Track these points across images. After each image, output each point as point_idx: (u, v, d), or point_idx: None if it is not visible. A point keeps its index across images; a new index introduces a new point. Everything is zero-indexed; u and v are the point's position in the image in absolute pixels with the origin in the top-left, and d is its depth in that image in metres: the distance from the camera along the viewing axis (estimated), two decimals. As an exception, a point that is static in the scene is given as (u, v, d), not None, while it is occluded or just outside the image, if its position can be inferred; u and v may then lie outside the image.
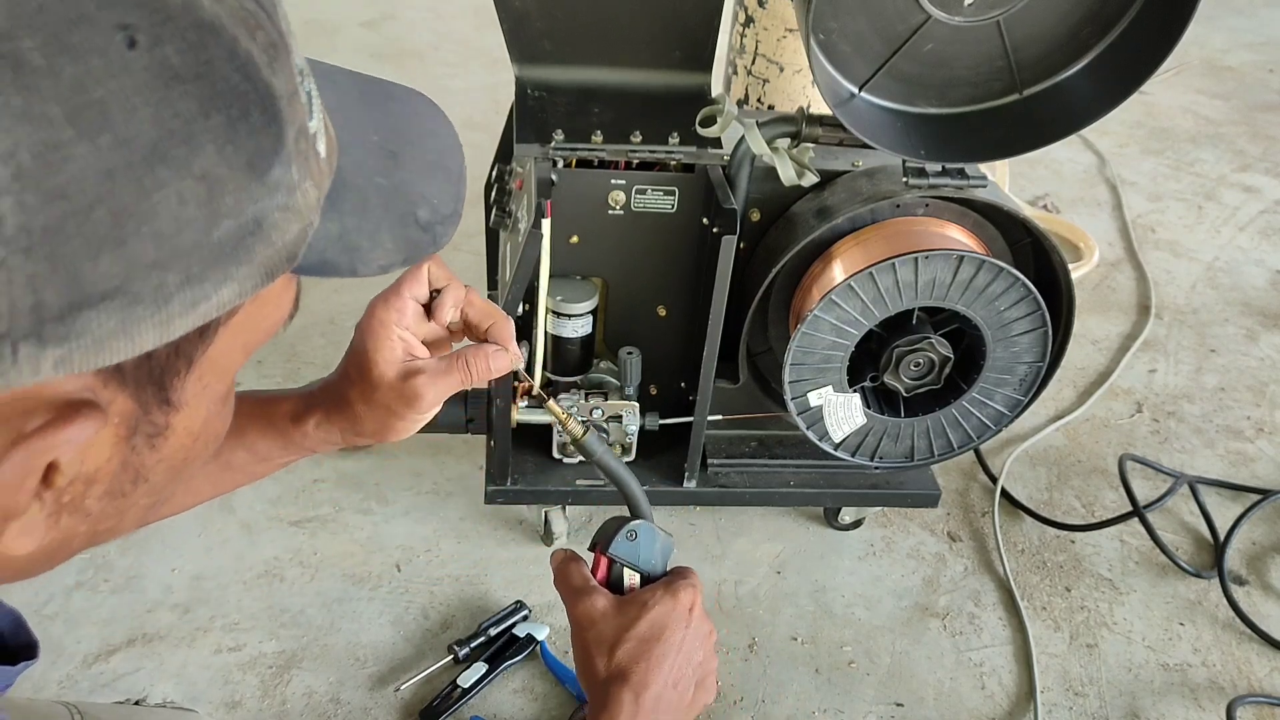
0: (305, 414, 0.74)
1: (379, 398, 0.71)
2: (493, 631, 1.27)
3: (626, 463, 1.33)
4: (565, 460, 1.34)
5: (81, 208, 0.32)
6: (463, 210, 0.53)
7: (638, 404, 1.28)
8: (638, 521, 0.79)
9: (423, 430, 0.76)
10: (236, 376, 0.47)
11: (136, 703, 1.12)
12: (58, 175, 0.31)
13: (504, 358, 0.72)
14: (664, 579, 0.79)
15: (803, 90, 1.73)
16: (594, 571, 0.80)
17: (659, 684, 0.73)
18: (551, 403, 0.82)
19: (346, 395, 0.72)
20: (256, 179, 0.37)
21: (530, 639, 1.27)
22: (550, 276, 1.17)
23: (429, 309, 0.73)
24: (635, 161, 1.18)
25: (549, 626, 1.30)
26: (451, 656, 1.24)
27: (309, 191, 0.40)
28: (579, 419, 0.76)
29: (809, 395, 1.23)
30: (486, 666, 1.23)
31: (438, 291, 0.73)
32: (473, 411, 1.29)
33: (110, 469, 0.41)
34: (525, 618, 1.30)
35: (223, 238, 0.36)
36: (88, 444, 0.38)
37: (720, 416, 1.34)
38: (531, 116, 1.21)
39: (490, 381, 1.22)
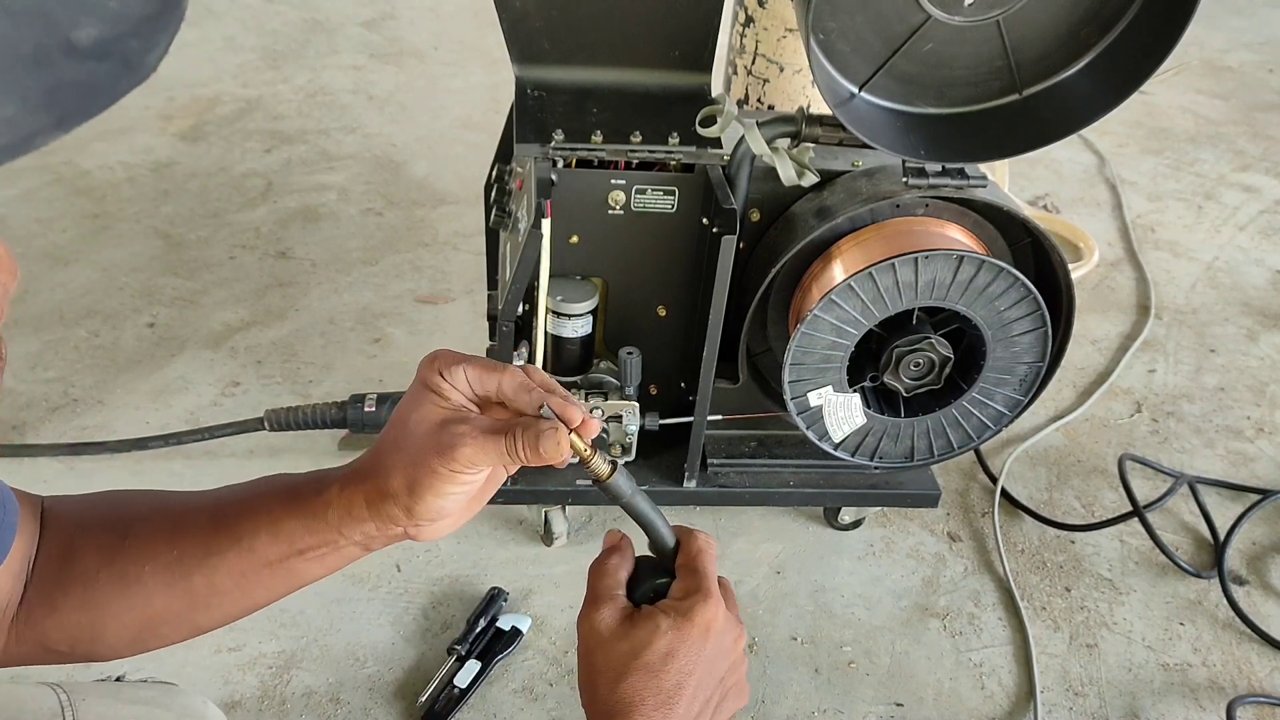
0: (329, 481, 0.66)
1: (411, 443, 0.63)
2: (480, 624, 1.29)
3: (626, 463, 1.33)
4: (565, 460, 1.34)
5: None
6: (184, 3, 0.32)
7: (638, 404, 1.27)
8: (667, 579, 0.72)
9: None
10: (241, 381, 0.46)
11: (118, 679, 1.12)
12: None
13: (557, 438, 0.61)
14: (679, 591, 0.70)
15: (803, 90, 1.73)
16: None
17: (678, 715, 0.65)
18: (574, 438, 0.72)
19: (379, 447, 0.66)
20: None
21: (516, 631, 1.29)
22: (550, 276, 1.17)
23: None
24: (635, 161, 1.18)
25: (530, 617, 1.32)
26: (455, 658, 1.24)
27: None
28: (605, 457, 0.69)
29: (809, 395, 1.23)
30: (480, 664, 1.24)
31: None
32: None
33: None
34: (503, 606, 1.33)
35: None
36: None
37: (720, 416, 1.34)
38: (531, 116, 1.21)
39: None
